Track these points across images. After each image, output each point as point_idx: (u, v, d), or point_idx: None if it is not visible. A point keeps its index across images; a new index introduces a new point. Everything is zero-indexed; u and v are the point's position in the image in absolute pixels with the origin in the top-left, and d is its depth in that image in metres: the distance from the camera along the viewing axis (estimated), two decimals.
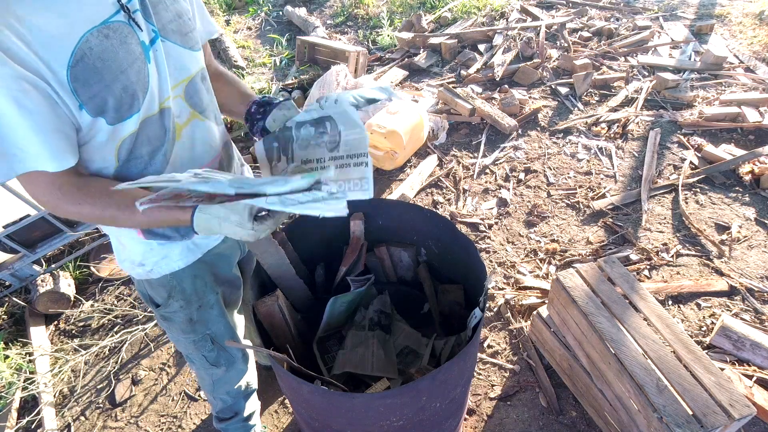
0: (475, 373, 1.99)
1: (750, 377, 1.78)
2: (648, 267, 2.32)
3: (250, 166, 3.02)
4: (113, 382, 2.12)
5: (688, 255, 2.37)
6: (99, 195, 0.88)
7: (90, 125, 0.86)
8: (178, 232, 1.10)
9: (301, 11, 5.13)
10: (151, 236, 1.09)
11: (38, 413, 2.00)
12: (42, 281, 2.39)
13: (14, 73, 0.74)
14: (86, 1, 0.81)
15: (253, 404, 1.65)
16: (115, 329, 2.34)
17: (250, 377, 1.57)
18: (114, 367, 2.16)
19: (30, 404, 2.06)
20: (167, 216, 0.89)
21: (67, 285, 2.44)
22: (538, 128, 3.30)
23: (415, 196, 2.90)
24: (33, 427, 1.97)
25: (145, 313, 2.34)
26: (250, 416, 1.64)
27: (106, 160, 0.94)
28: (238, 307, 1.42)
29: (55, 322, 2.44)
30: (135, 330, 2.24)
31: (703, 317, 2.09)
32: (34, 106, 0.77)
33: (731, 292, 2.17)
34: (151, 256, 1.12)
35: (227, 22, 5.43)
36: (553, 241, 2.53)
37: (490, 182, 2.95)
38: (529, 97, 3.56)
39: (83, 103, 0.82)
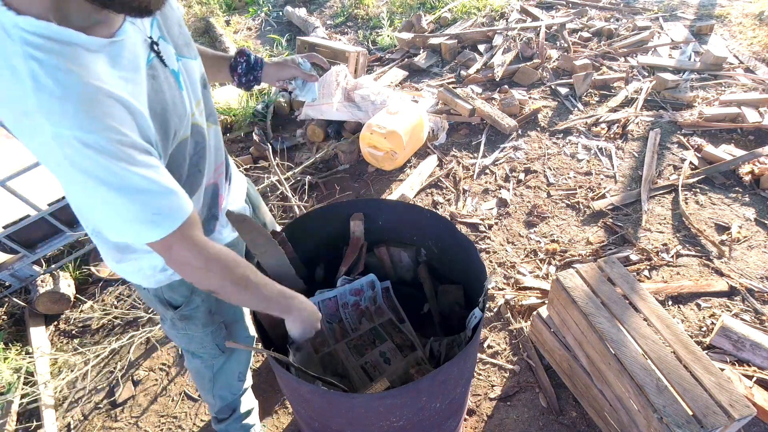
0: (475, 374, 1.99)
1: (750, 378, 1.78)
2: (648, 267, 2.32)
3: (250, 167, 3.01)
4: (113, 382, 2.12)
5: (688, 255, 2.37)
6: (241, 269, 0.94)
7: None
8: None
9: (301, 12, 5.13)
10: None
11: (38, 414, 2.00)
12: (42, 281, 2.39)
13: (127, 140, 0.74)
14: (133, 45, 0.79)
15: (249, 401, 1.66)
16: (115, 330, 2.34)
17: (245, 369, 1.60)
18: (114, 368, 2.16)
19: (30, 405, 2.06)
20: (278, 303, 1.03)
21: (67, 285, 2.44)
22: (538, 128, 3.30)
23: (415, 197, 2.90)
24: (33, 427, 1.96)
25: (148, 315, 2.34)
26: (248, 413, 1.65)
27: None
28: None
29: (55, 323, 2.44)
30: (143, 332, 2.24)
31: (703, 317, 2.08)
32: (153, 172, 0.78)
33: (731, 293, 2.17)
34: None
35: (227, 23, 5.44)
36: (553, 241, 2.53)
37: (490, 182, 2.95)
38: (529, 98, 3.56)
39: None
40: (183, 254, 0.85)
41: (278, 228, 1.46)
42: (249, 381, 1.64)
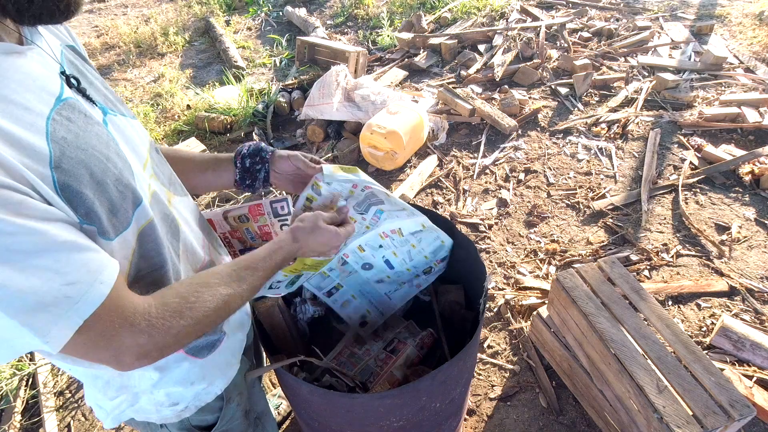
0: (475, 374, 1.99)
1: (750, 378, 1.78)
2: (648, 267, 2.32)
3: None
4: None
5: (688, 255, 2.37)
6: (196, 286, 0.71)
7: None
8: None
9: (301, 11, 5.13)
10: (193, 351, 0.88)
11: (39, 413, 2.00)
12: None
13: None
14: (32, 76, 0.60)
15: None
16: None
17: None
18: None
19: (30, 405, 2.06)
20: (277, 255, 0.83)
21: None
22: (538, 128, 3.30)
23: (415, 197, 2.90)
24: (33, 427, 1.96)
25: None
26: None
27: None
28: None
29: None
30: None
31: (703, 317, 2.08)
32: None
33: (731, 293, 2.17)
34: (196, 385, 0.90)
35: (227, 23, 5.44)
36: (553, 241, 2.53)
37: (490, 182, 2.95)
38: (529, 98, 3.56)
39: (82, 217, 0.60)
40: (128, 340, 0.60)
41: None
42: None
